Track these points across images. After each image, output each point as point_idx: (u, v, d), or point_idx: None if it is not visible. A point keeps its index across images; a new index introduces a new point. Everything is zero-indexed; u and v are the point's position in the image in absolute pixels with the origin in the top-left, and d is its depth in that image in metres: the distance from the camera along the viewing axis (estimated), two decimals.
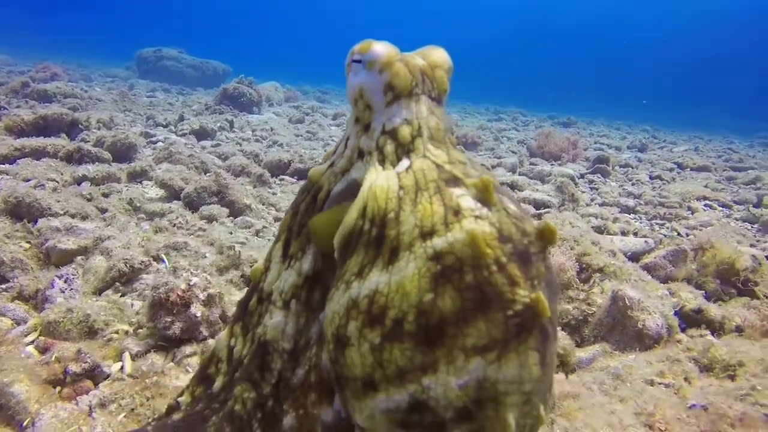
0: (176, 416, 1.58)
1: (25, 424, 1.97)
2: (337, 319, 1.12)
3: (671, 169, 12.90)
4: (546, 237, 1.10)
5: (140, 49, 26.24)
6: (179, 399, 1.65)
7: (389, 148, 1.22)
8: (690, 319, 3.98)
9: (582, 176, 10.46)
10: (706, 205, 9.05)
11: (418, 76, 1.25)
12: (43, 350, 2.50)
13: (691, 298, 4.51)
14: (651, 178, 11.31)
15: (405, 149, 1.21)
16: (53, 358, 2.35)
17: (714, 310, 4.04)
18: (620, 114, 36.73)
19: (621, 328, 3.25)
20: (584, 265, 4.31)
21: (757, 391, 1.99)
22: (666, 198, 8.93)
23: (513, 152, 12.54)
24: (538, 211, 7.21)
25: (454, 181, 1.14)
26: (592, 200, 8.61)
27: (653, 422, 1.84)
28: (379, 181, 1.16)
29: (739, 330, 3.68)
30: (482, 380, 1.01)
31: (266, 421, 1.34)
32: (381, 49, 1.24)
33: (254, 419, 1.36)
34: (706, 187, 10.54)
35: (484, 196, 1.11)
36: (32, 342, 2.58)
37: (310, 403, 1.24)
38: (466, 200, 1.10)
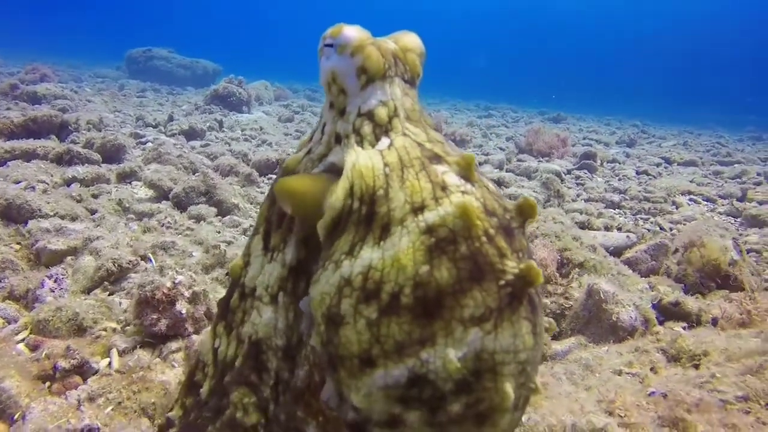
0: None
1: (15, 417, 2.06)
2: (327, 300, 1.10)
3: (658, 164, 13.05)
4: (526, 211, 1.14)
5: (130, 50, 26.16)
6: (169, 414, 1.62)
7: (367, 129, 1.22)
8: (668, 312, 4.10)
9: (569, 172, 10.57)
10: (690, 200, 9.19)
11: (390, 59, 1.26)
12: (34, 348, 2.59)
13: (669, 291, 4.62)
14: (638, 173, 11.44)
15: (383, 129, 1.22)
16: (43, 355, 2.43)
17: (691, 303, 4.15)
18: (611, 109, 36.93)
19: (596, 321, 3.35)
20: (565, 260, 4.41)
21: (716, 378, 2.09)
22: (651, 193, 9.06)
23: (501, 149, 12.65)
24: None
25: (437, 158, 1.16)
26: (578, 196, 8.73)
27: (613, 409, 1.94)
28: (362, 160, 1.16)
29: (715, 322, 3.79)
30: (480, 351, 1.02)
31: (273, 427, 1.31)
32: (352, 32, 1.24)
33: (259, 426, 1.33)
34: (691, 182, 10.69)
35: (466, 173, 1.14)
36: (23, 340, 2.66)
37: (326, 405, 1.19)
38: (450, 176, 1.13)
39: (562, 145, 12.34)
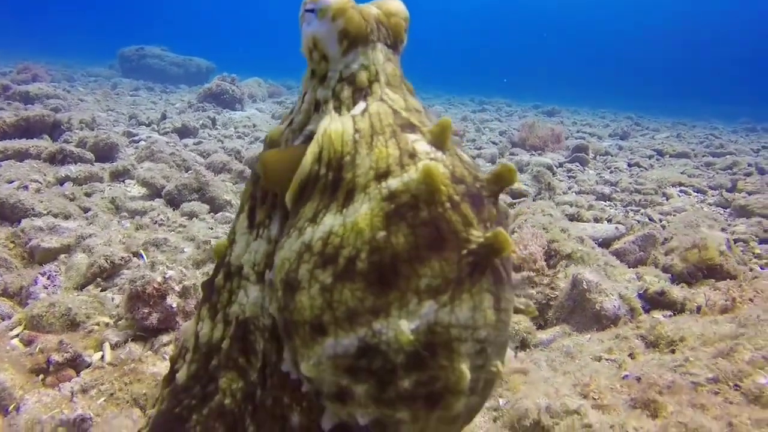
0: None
1: (10, 409, 2.12)
2: (287, 265, 1.07)
3: (650, 156, 13.11)
4: (504, 178, 1.07)
5: (122, 48, 26.10)
6: (149, 411, 1.56)
7: (346, 93, 1.19)
8: (654, 301, 4.17)
9: (561, 165, 10.64)
10: (681, 191, 9.26)
11: (373, 24, 1.22)
12: (28, 342, 2.64)
13: (654, 281, 4.69)
14: (629, 165, 11.51)
15: (362, 93, 1.18)
16: (37, 349, 2.49)
17: (676, 292, 4.22)
18: (606, 102, 37.04)
19: (581, 311, 3.42)
20: (552, 252, 4.48)
21: (690, 362, 2.16)
22: (642, 185, 9.13)
23: (494, 143, 12.69)
24: (514, 201, 7.38)
25: (410, 126, 1.12)
26: (569, 188, 8.79)
27: (588, 392, 2.00)
28: (334, 126, 1.13)
29: (699, 310, 3.87)
30: (434, 324, 0.97)
31: (260, 415, 1.23)
32: None
33: (246, 413, 1.25)
34: (682, 173, 10.75)
35: (439, 141, 1.09)
36: (17, 335, 2.73)
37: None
38: (421, 144, 1.09)
39: (556, 141, 12.37)
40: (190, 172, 6.11)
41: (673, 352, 2.40)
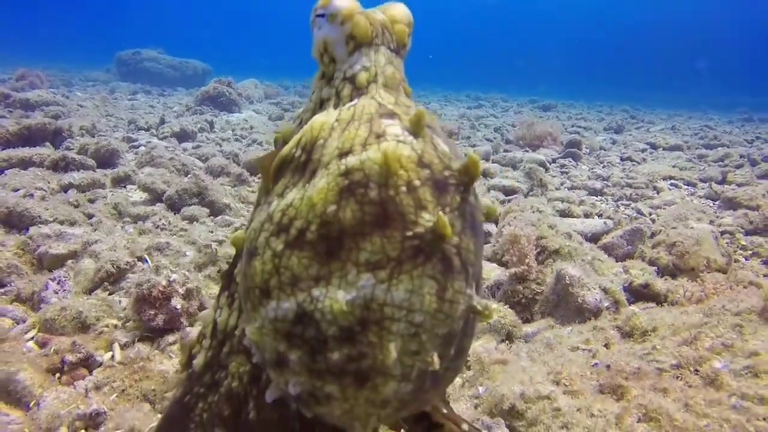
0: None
1: (31, 405, 2.30)
2: (252, 235, 1.14)
3: (643, 150, 13.25)
4: (470, 170, 1.10)
5: (119, 52, 26.24)
6: (167, 395, 1.69)
7: (346, 91, 1.25)
8: (638, 294, 4.35)
9: (554, 161, 10.78)
10: (672, 185, 9.41)
11: (378, 28, 1.28)
12: (42, 344, 2.82)
13: (639, 274, 4.87)
14: (622, 159, 11.65)
15: (359, 92, 1.23)
16: (52, 351, 2.67)
17: (660, 285, 4.40)
18: (604, 94, 37.13)
19: (564, 304, 3.59)
20: (541, 248, 4.64)
21: (657, 350, 2.33)
22: (633, 179, 9.28)
23: (489, 140, 12.83)
24: (507, 197, 7.55)
25: (390, 115, 1.16)
26: (561, 184, 8.93)
27: (560, 379, 2.17)
28: (320, 117, 1.20)
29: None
30: (369, 299, 1.00)
31: (260, 401, 1.26)
32: (342, 2, 1.26)
33: (250, 396, 1.28)
34: (674, 166, 10.89)
35: (414, 127, 1.12)
36: (32, 338, 2.91)
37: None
38: (393, 128, 1.12)
39: (552, 142, 12.38)
40: (189, 176, 6.28)
41: (644, 341, 2.57)
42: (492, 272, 4.64)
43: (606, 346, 2.63)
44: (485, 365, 2.43)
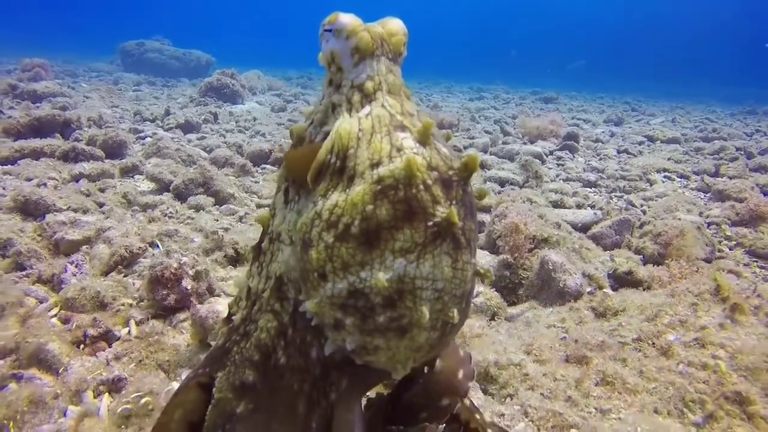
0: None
1: (60, 371, 2.57)
2: (304, 228, 1.38)
3: (641, 143, 13.38)
4: (470, 166, 1.36)
5: (123, 42, 26.41)
6: (210, 342, 1.96)
7: (356, 98, 1.44)
8: (621, 280, 4.59)
9: (551, 153, 10.99)
10: (665, 177, 9.61)
11: (378, 41, 1.47)
12: (65, 321, 3.09)
13: (623, 262, 5.11)
14: (618, 152, 11.81)
15: (368, 99, 1.44)
16: (74, 326, 2.94)
17: (642, 272, 4.65)
18: (608, 86, 37.13)
19: (547, 288, 3.84)
20: (531, 237, 4.88)
21: (622, 326, 2.58)
22: (628, 171, 9.47)
23: (488, 132, 13.01)
24: (502, 189, 7.78)
25: (402, 127, 1.39)
26: (557, 176, 9.13)
27: (530, 350, 2.42)
28: (344, 125, 1.40)
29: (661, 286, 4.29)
30: (403, 276, 1.27)
31: (290, 349, 1.54)
32: (347, 19, 1.47)
33: (278, 346, 1.55)
34: (669, 159, 11.06)
35: (422, 138, 1.36)
36: (55, 315, 3.17)
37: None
38: (408, 141, 1.36)
39: (553, 135, 12.49)
40: (195, 167, 6.53)
41: (613, 320, 2.82)
42: (482, 259, 4.90)
43: (580, 324, 2.87)
44: (466, 338, 2.69)
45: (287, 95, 18.42)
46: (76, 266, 3.70)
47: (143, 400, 2.28)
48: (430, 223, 1.29)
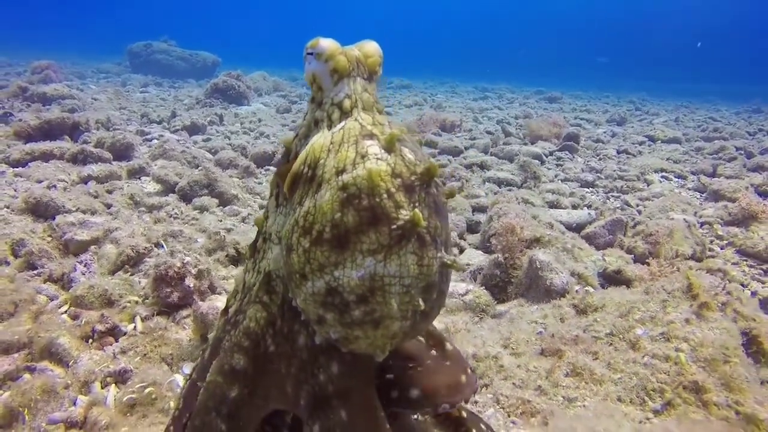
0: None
1: (70, 363, 2.76)
2: (288, 234, 1.52)
3: (641, 143, 13.45)
4: (431, 171, 1.48)
5: (130, 44, 26.71)
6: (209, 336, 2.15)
7: (336, 115, 1.59)
8: (611, 279, 4.74)
9: (551, 153, 11.11)
10: (662, 177, 9.70)
11: (354, 63, 1.62)
12: (74, 317, 3.28)
13: (614, 261, 5.26)
14: (618, 152, 11.88)
15: (346, 116, 1.58)
16: (83, 322, 3.12)
17: (630, 270, 4.79)
18: (614, 85, 37.06)
19: (535, 286, 3.99)
20: (524, 240, 5.02)
21: (597, 322, 2.73)
22: (626, 171, 9.58)
23: (489, 133, 13.14)
24: (500, 189, 7.93)
25: (370, 136, 1.52)
26: (555, 176, 9.25)
27: (508, 343, 2.58)
28: (320, 140, 1.56)
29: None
30: (373, 274, 1.40)
31: (278, 338, 1.67)
32: (326, 44, 1.61)
33: (267, 335, 1.69)
34: (668, 159, 11.14)
35: (388, 145, 1.49)
36: (65, 312, 3.36)
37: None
38: (374, 148, 1.48)
39: (556, 136, 12.56)
40: (200, 168, 6.72)
41: (590, 316, 2.97)
42: (476, 258, 5.06)
43: (561, 320, 3.02)
44: (450, 333, 2.85)
45: (292, 96, 18.60)
46: (85, 265, 3.89)
47: (147, 390, 2.46)
48: (394, 227, 1.41)
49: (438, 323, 2.92)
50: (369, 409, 1.68)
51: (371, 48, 1.73)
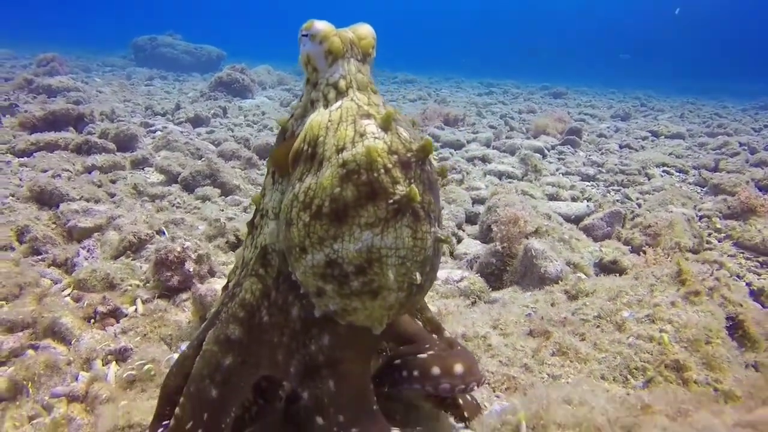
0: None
1: (73, 342, 2.84)
2: (287, 208, 1.58)
3: (644, 138, 13.46)
4: (426, 148, 1.54)
5: (135, 38, 26.80)
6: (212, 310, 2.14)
7: (332, 95, 1.65)
8: (607, 269, 4.79)
9: (553, 147, 11.14)
10: (664, 171, 9.72)
11: (348, 45, 1.68)
12: (77, 299, 3.36)
13: (610, 251, 5.30)
14: (620, 147, 11.92)
15: (342, 95, 1.64)
16: (86, 304, 3.21)
17: (626, 260, 4.84)
18: (621, 81, 36.89)
19: (530, 274, 4.05)
20: (525, 234, 5.07)
21: (585, 305, 2.79)
22: (627, 166, 9.60)
23: (492, 127, 13.18)
24: (500, 181, 7.97)
25: (367, 116, 1.58)
26: (557, 170, 9.29)
27: (497, 324, 2.64)
28: (317, 117, 1.62)
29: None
30: (371, 246, 1.47)
31: (272, 309, 1.74)
32: (320, 25, 1.67)
33: (262, 306, 1.75)
34: (670, 154, 11.16)
35: (384, 124, 1.55)
36: (68, 294, 3.44)
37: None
38: (371, 127, 1.54)
39: (560, 132, 12.57)
40: (202, 159, 6.79)
41: (580, 300, 3.03)
42: (473, 248, 5.12)
43: (552, 305, 3.08)
44: (442, 315, 2.91)
45: (297, 90, 18.64)
46: (87, 251, 3.97)
47: (146, 367, 2.54)
48: (391, 201, 1.48)
49: (431, 306, 2.99)
50: (357, 381, 1.74)
51: (365, 30, 1.79)
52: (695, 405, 1.29)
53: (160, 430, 1.86)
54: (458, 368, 1.83)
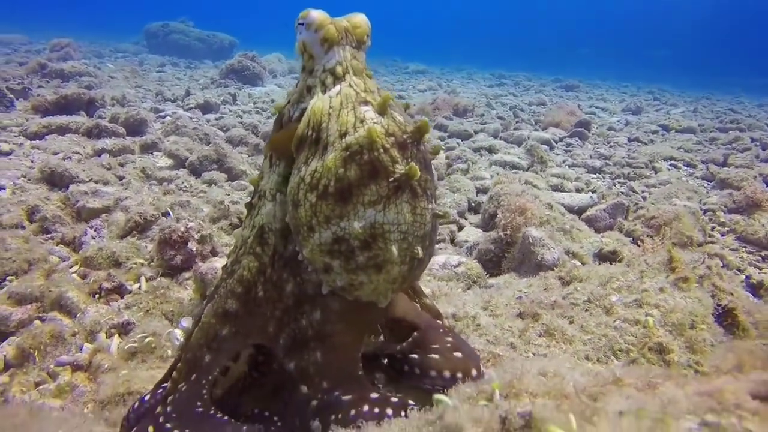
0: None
1: (78, 315, 2.94)
2: (293, 190, 1.66)
3: (654, 132, 13.35)
4: (422, 129, 1.63)
5: (148, 24, 26.90)
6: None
7: (329, 80, 1.73)
8: (606, 259, 4.82)
9: (561, 140, 11.12)
10: (671, 165, 9.67)
11: (342, 33, 1.75)
12: (83, 276, 3.46)
13: (609, 242, 5.33)
14: (629, 140, 11.85)
15: (338, 80, 1.72)
16: (92, 280, 3.31)
17: (626, 251, 4.87)
18: (638, 75, 36.52)
19: (527, 261, 4.10)
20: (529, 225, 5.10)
21: (577, 290, 2.84)
22: (634, 159, 9.57)
23: (501, 118, 13.16)
24: (506, 171, 7.99)
25: (365, 102, 1.67)
26: (563, 162, 9.29)
27: (488, 306, 2.70)
28: (318, 103, 1.69)
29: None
30: (374, 222, 1.56)
31: (267, 285, 1.83)
32: (316, 14, 1.75)
33: (258, 282, 1.84)
34: (679, 148, 11.08)
35: (381, 109, 1.64)
36: (75, 271, 3.55)
37: (303, 269, 1.79)
38: (369, 113, 1.63)
39: (571, 125, 12.50)
40: (210, 145, 6.88)
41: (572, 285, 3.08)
42: (474, 236, 5.17)
43: (546, 290, 3.14)
44: (436, 296, 2.98)
45: None
46: (95, 230, 4.08)
47: (147, 340, 2.63)
48: (391, 179, 1.57)
49: (425, 288, 3.06)
50: (346, 353, 1.82)
51: (359, 19, 1.86)
52: (664, 378, 1.35)
53: (159, 391, 1.97)
54: (474, 372, 1.92)
